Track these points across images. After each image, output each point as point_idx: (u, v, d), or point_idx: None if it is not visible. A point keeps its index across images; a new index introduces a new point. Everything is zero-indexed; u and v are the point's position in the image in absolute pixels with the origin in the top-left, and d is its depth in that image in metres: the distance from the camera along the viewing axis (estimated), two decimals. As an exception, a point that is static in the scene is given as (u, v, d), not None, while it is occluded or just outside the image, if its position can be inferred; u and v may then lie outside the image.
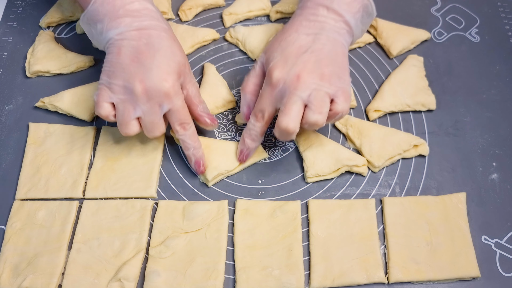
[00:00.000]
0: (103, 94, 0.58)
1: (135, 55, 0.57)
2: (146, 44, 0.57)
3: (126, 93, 0.57)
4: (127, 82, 0.56)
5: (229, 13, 0.79)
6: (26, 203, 0.62)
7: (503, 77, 0.74)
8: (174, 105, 0.58)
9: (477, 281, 0.58)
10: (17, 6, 0.82)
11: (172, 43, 0.60)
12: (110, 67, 0.58)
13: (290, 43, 0.59)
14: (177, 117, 0.59)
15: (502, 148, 0.68)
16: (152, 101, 0.57)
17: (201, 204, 0.62)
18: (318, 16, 0.59)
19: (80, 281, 0.57)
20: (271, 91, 0.58)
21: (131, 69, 0.56)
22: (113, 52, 0.58)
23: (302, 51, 0.58)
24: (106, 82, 0.58)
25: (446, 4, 0.83)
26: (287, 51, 0.58)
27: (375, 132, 0.67)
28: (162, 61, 0.57)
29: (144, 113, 0.57)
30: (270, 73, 0.58)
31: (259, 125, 0.60)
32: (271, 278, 0.57)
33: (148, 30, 0.58)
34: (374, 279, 0.57)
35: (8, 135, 0.68)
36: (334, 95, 0.57)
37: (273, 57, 0.59)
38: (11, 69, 0.75)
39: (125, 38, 0.58)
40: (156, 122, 0.58)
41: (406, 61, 0.75)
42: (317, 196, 0.64)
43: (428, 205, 0.62)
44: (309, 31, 0.59)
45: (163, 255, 0.58)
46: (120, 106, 0.58)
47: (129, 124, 0.58)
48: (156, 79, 0.56)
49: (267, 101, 0.59)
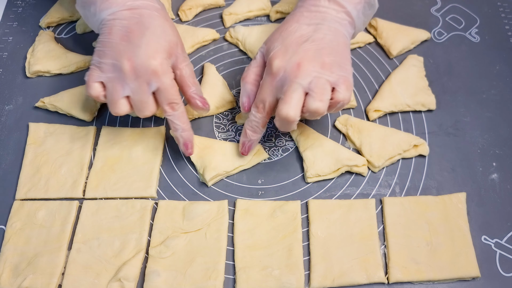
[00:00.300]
0: (93, 74, 0.58)
1: (125, 34, 0.57)
2: (137, 23, 0.57)
3: (115, 71, 0.56)
4: (116, 60, 0.56)
5: (229, 13, 0.79)
6: (26, 203, 0.62)
7: (503, 77, 0.74)
8: (163, 84, 0.57)
9: (477, 281, 0.58)
10: (17, 6, 0.82)
11: (164, 22, 0.59)
12: (101, 47, 0.58)
13: (291, 33, 0.59)
14: (166, 96, 0.58)
15: (502, 148, 0.68)
16: (140, 79, 0.56)
17: (201, 204, 0.62)
18: (319, 7, 0.59)
19: (80, 281, 0.57)
20: (271, 80, 0.57)
21: (120, 47, 0.56)
22: (105, 32, 0.58)
23: (303, 40, 0.57)
24: (97, 62, 0.58)
25: (446, 4, 0.83)
26: (288, 40, 0.58)
27: (375, 132, 0.67)
28: (152, 39, 0.57)
29: (133, 91, 0.57)
30: (271, 62, 0.57)
31: (260, 116, 0.60)
32: (271, 278, 0.57)
33: (140, 9, 0.58)
34: (374, 279, 0.57)
35: (8, 135, 0.68)
36: (335, 83, 0.56)
37: (274, 47, 0.58)
38: (11, 69, 0.75)
39: (116, 18, 0.58)
40: (145, 101, 0.57)
41: (406, 61, 0.75)
42: (317, 196, 0.64)
43: (428, 205, 0.62)
44: (310, 21, 0.59)
45: (163, 255, 0.58)
46: (109, 85, 0.57)
47: (117, 102, 0.57)
48: (144, 57, 0.55)
49: (267, 91, 0.58)
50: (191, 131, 0.62)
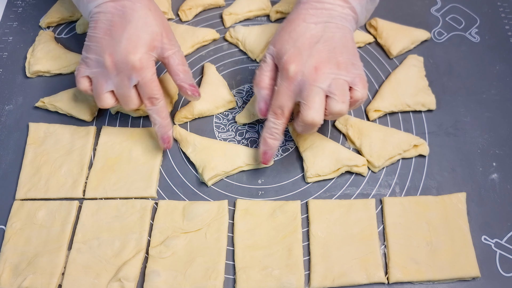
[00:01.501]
0: (80, 69, 0.60)
1: (108, 28, 0.58)
2: (119, 16, 0.58)
3: (99, 67, 0.59)
4: (99, 56, 0.58)
5: (229, 13, 0.79)
6: (26, 203, 0.62)
7: (503, 77, 0.74)
8: (143, 78, 0.58)
9: (477, 281, 0.58)
10: (17, 6, 0.82)
11: (147, 12, 0.59)
12: (88, 41, 0.60)
13: (300, 33, 0.58)
14: (145, 91, 0.59)
15: (502, 148, 0.68)
16: (121, 74, 0.58)
17: (201, 204, 0.62)
18: (325, 4, 0.59)
19: (80, 281, 0.57)
20: (288, 85, 0.57)
21: (103, 42, 0.58)
22: (92, 27, 0.60)
23: (315, 41, 0.57)
24: (84, 57, 0.60)
25: (446, 4, 0.83)
26: (299, 42, 0.57)
27: (375, 132, 0.67)
28: (133, 33, 0.57)
29: (116, 86, 0.59)
30: (286, 67, 0.57)
31: (280, 122, 0.59)
32: (271, 278, 0.57)
33: (123, 1, 0.59)
34: (374, 279, 0.57)
35: (8, 135, 0.68)
36: (352, 82, 0.57)
37: (286, 50, 0.58)
38: (11, 69, 0.75)
39: (101, 11, 0.59)
40: (127, 95, 0.59)
41: (406, 61, 0.75)
42: (317, 196, 0.64)
43: (428, 205, 0.62)
44: (317, 19, 0.58)
45: (163, 255, 0.58)
46: (94, 80, 0.60)
47: (102, 96, 0.60)
48: (124, 52, 0.57)
49: (285, 96, 0.57)
50: (169, 126, 0.63)
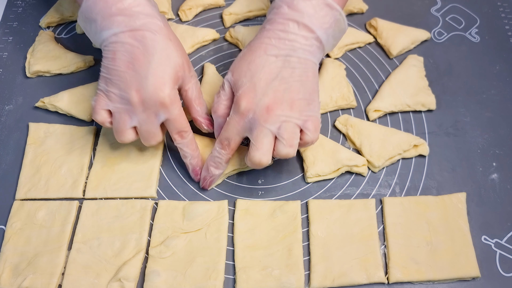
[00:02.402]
0: (100, 101, 0.58)
1: (130, 62, 0.56)
2: (140, 48, 0.56)
3: (123, 102, 0.57)
4: (123, 91, 0.56)
5: (229, 13, 0.79)
6: (26, 203, 0.62)
7: (503, 77, 0.74)
8: (171, 114, 0.57)
9: (477, 281, 0.58)
10: (17, 6, 0.82)
11: (168, 43, 0.57)
12: (107, 74, 0.57)
13: (259, 67, 0.56)
14: (175, 126, 0.58)
15: (502, 148, 0.68)
16: (148, 111, 0.56)
17: (201, 204, 0.62)
18: (289, 34, 0.56)
19: (80, 281, 0.57)
20: (239, 120, 0.56)
21: (127, 77, 0.56)
22: (108, 57, 0.57)
23: (272, 78, 0.55)
24: (104, 89, 0.57)
25: (446, 4, 0.83)
26: (256, 77, 0.56)
27: (375, 132, 0.67)
28: (157, 67, 0.56)
29: (140, 122, 0.57)
30: (239, 102, 0.56)
31: (225, 153, 0.59)
32: (271, 278, 0.57)
33: (142, 31, 0.56)
34: (374, 279, 0.57)
35: (8, 135, 0.68)
36: (304, 125, 0.56)
37: (242, 83, 0.56)
38: (11, 69, 0.75)
39: (118, 41, 0.56)
40: (152, 131, 0.58)
41: (406, 61, 0.75)
42: (317, 196, 0.64)
43: (428, 205, 0.62)
44: (279, 52, 0.56)
45: (163, 255, 0.58)
46: (116, 115, 0.58)
47: (124, 132, 0.58)
48: (152, 89, 0.55)
49: (234, 130, 0.57)
50: (199, 157, 0.63)
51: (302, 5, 0.56)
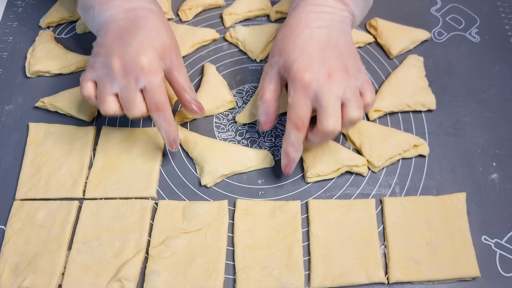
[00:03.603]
0: (86, 73, 0.58)
1: (119, 33, 0.57)
2: (131, 23, 0.57)
3: (105, 68, 0.56)
4: (107, 58, 0.56)
5: (229, 13, 0.79)
6: (26, 203, 0.62)
7: (503, 77, 0.74)
8: (150, 82, 0.55)
9: (477, 281, 0.58)
10: (17, 6, 0.82)
11: (159, 23, 0.59)
12: (97, 47, 0.58)
13: (306, 40, 0.57)
14: (152, 97, 0.56)
15: (502, 148, 0.68)
16: (128, 76, 0.55)
17: (201, 204, 0.62)
18: (324, 7, 0.58)
19: (80, 281, 0.57)
20: (304, 95, 0.55)
21: (113, 46, 0.56)
22: (101, 34, 0.58)
23: (322, 47, 0.56)
24: (91, 62, 0.58)
25: (446, 4, 0.83)
26: (307, 49, 0.56)
27: (375, 132, 0.67)
28: (145, 38, 0.56)
29: (121, 88, 0.56)
30: (299, 76, 0.55)
31: (302, 133, 0.57)
32: (271, 278, 0.57)
33: (136, 10, 0.58)
34: (374, 279, 0.57)
35: (8, 135, 0.68)
36: (362, 87, 0.57)
37: (294, 59, 0.56)
38: (11, 69, 0.75)
39: (113, 20, 0.58)
40: (132, 99, 0.56)
41: (406, 61, 0.75)
42: (317, 196, 0.64)
43: (428, 205, 0.62)
44: (320, 23, 0.57)
45: (163, 255, 0.58)
46: (99, 83, 0.57)
47: (106, 99, 0.56)
48: (134, 53, 0.55)
49: (303, 107, 0.56)
50: (176, 131, 0.61)
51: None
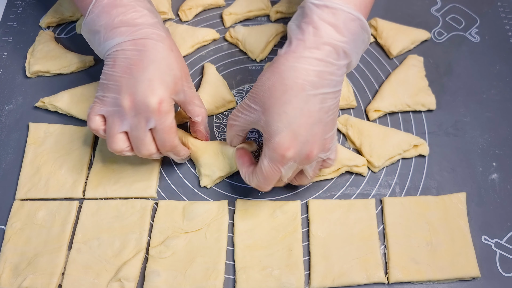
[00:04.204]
0: (95, 107, 0.56)
1: (128, 67, 0.54)
2: (140, 55, 0.54)
3: (115, 106, 0.55)
4: (117, 94, 0.54)
5: (229, 13, 0.79)
6: (26, 203, 0.62)
7: (503, 77, 0.74)
8: (161, 123, 0.54)
9: (477, 281, 0.58)
10: (17, 6, 0.82)
11: (169, 53, 0.56)
12: (105, 80, 0.56)
13: (297, 110, 0.51)
14: (163, 137, 0.56)
15: (502, 148, 0.68)
16: (139, 116, 0.54)
17: (201, 204, 0.62)
18: (328, 65, 0.50)
19: (80, 281, 0.57)
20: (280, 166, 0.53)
21: (123, 81, 0.54)
22: (109, 64, 0.56)
23: (312, 122, 0.51)
24: (100, 96, 0.56)
25: (446, 4, 0.83)
26: (296, 123, 0.51)
27: (375, 132, 0.67)
28: (155, 74, 0.54)
29: (131, 127, 0.55)
30: (280, 152, 0.51)
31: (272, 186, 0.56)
32: (271, 278, 0.57)
33: (144, 39, 0.55)
34: (374, 279, 0.57)
35: (8, 135, 0.68)
36: (329, 156, 0.57)
37: (278, 128, 0.51)
38: (11, 69, 0.75)
39: (120, 49, 0.55)
40: (141, 138, 0.55)
41: (406, 61, 0.75)
42: (317, 196, 0.64)
43: (428, 205, 0.62)
44: (319, 88, 0.51)
45: (163, 255, 0.58)
46: (109, 119, 0.56)
47: (115, 137, 0.55)
48: (145, 93, 0.53)
49: (276, 176, 0.54)
50: (186, 156, 0.63)
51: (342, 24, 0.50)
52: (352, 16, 0.51)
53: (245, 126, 0.57)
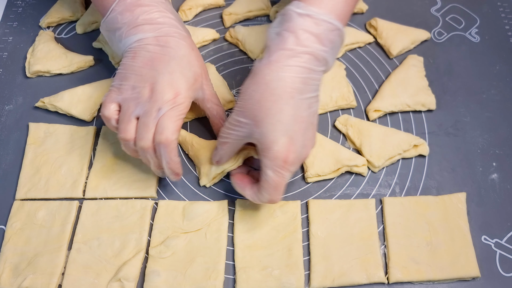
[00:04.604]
0: (111, 94, 0.57)
1: (149, 60, 0.56)
2: (162, 50, 0.56)
3: (133, 93, 0.55)
4: (137, 84, 0.55)
5: (229, 13, 0.79)
6: (26, 203, 0.62)
7: (503, 77, 0.74)
8: (169, 110, 0.54)
9: (477, 281, 0.58)
10: (17, 6, 0.82)
11: (190, 52, 0.58)
12: (123, 70, 0.57)
13: (289, 116, 0.52)
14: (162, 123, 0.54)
15: (502, 148, 0.68)
16: (153, 103, 0.54)
17: (201, 204, 0.62)
18: (311, 72, 0.52)
19: (80, 281, 0.57)
20: (285, 174, 0.53)
21: (143, 72, 0.55)
22: (129, 57, 0.57)
23: (305, 127, 0.53)
24: (117, 84, 0.57)
25: (446, 4, 0.83)
26: (291, 130, 0.52)
27: (375, 132, 0.67)
28: (176, 69, 0.55)
29: (143, 112, 0.55)
30: (283, 158, 0.52)
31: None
32: (271, 278, 0.57)
33: (167, 37, 0.56)
34: (374, 279, 0.57)
35: (8, 135, 0.68)
36: None
37: (276, 138, 0.52)
38: (11, 69, 0.75)
39: (142, 43, 0.56)
40: (147, 124, 0.54)
41: (406, 61, 0.75)
42: (317, 196, 0.64)
43: (428, 205, 0.62)
44: (306, 94, 0.52)
45: (163, 255, 0.58)
46: (124, 105, 0.56)
47: (128, 123, 0.55)
48: (165, 84, 0.54)
49: (283, 185, 0.54)
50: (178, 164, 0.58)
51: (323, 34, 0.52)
52: (333, 26, 0.52)
53: (237, 142, 0.57)
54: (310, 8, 0.52)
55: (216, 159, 0.61)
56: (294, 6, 0.52)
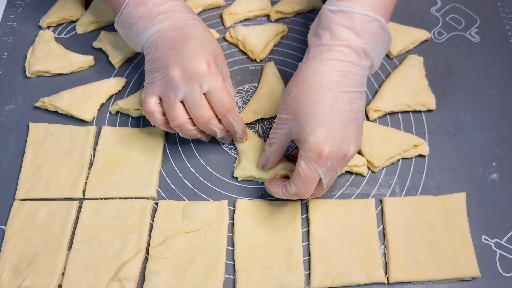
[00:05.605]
0: (147, 90, 0.59)
1: (171, 44, 0.58)
2: (181, 33, 0.58)
3: (167, 81, 0.57)
4: (165, 69, 0.57)
5: (229, 13, 0.79)
6: (26, 203, 0.62)
7: (503, 77, 0.74)
8: (214, 84, 0.57)
9: (477, 281, 0.58)
10: (17, 6, 0.82)
11: (206, 31, 0.61)
12: (150, 64, 0.59)
13: (327, 109, 0.51)
14: (218, 97, 0.57)
15: (502, 148, 0.68)
16: (191, 81, 0.56)
17: (201, 204, 0.62)
18: (350, 65, 0.52)
19: (80, 281, 0.57)
20: (318, 168, 0.52)
21: (168, 57, 0.57)
22: (151, 50, 0.59)
23: (345, 121, 0.52)
24: (149, 79, 0.59)
25: (446, 4, 0.83)
26: (329, 122, 0.51)
27: (375, 132, 0.67)
28: (197, 45, 0.58)
29: (186, 94, 0.57)
30: (317, 150, 0.51)
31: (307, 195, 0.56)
32: (271, 278, 0.57)
33: (182, 21, 0.59)
34: (374, 279, 0.57)
35: (8, 135, 0.68)
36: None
37: (312, 129, 0.51)
38: (11, 69, 0.75)
39: (160, 34, 0.59)
40: (198, 102, 0.57)
41: (406, 61, 0.75)
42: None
43: (428, 205, 0.62)
44: (343, 87, 0.52)
45: (163, 255, 0.58)
46: (164, 96, 0.58)
47: (175, 109, 0.57)
48: (192, 60, 0.56)
49: (314, 180, 0.53)
50: (244, 125, 0.62)
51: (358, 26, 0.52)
52: (369, 17, 0.53)
53: (281, 141, 0.57)
54: (343, 3, 0.53)
55: (262, 162, 0.61)
56: (327, 4, 0.54)
